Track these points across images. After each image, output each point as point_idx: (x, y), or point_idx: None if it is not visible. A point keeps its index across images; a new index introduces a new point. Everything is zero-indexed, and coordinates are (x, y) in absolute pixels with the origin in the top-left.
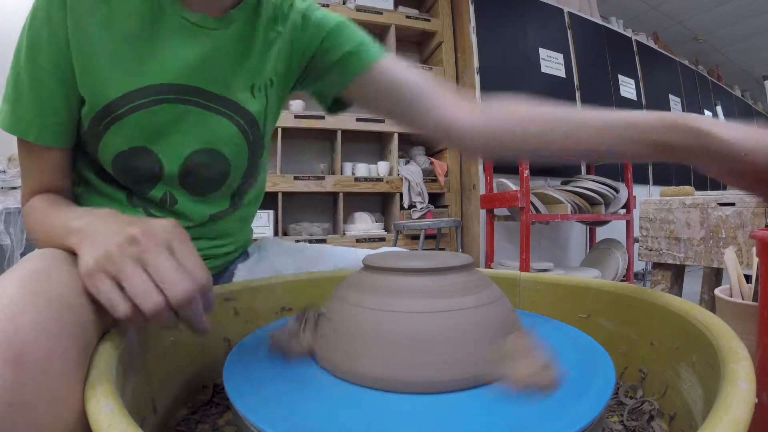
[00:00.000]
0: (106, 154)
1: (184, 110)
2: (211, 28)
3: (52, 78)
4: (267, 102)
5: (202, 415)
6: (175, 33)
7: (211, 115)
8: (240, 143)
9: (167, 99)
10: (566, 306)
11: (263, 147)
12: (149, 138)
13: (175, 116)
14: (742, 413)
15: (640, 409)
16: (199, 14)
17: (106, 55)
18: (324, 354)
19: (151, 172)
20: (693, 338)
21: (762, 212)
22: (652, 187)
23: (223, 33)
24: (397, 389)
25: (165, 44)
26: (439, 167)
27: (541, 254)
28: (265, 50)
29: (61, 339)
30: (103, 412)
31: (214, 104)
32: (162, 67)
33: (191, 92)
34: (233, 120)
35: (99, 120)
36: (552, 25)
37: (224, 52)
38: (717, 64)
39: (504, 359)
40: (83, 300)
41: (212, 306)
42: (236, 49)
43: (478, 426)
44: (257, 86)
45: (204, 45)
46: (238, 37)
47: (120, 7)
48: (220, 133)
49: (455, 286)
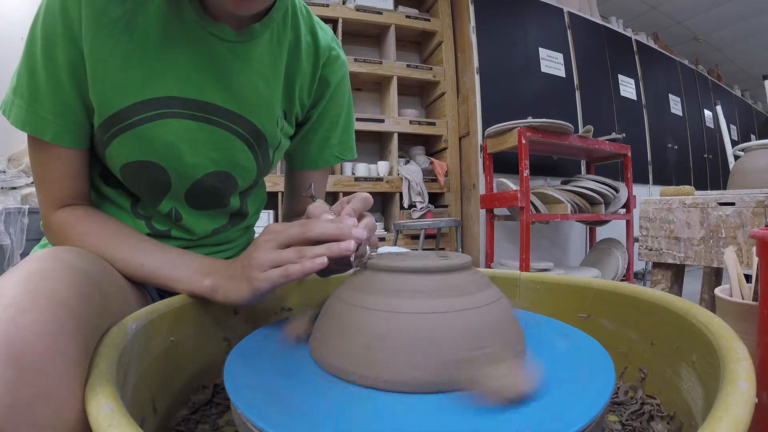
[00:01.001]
0: (114, 163)
1: (197, 127)
2: (234, 41)
3: (69, 76)
4: (283, 127)
5: (202, 415)
6: (193, 43)
7: (227, 134)
8: (251, 166)
9: (177, 113)
10: (566, 306)
11: (270, 167)
12: (158, 153)
13: (186, 133)
14: (742, 413)
15: (640, 409)
16: (220, 25)
17: (118, 60)
18: (324, 354)
19: (159, 187)
20: (693, 338)
21: (762, 212)
22: (652, 186)
23: (245, 47)
24: (397, 389)
25: (180, 53)
26: (439, 167)
27: (541, 254)
28: (287, 71)
29: (61, 339)
30: (103, 412)
31: (230, 123)
32: (176, 78)
33: (206, 108)
34: (247, 142)
35: (106, 128)
36: (552, 24)
37: (246, 68)
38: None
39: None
40: (84, 300)
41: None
42: (259, 66)
43: (478, 426)
44: (277, 108)
45: (224, 59)
46: (262, 53)
47: (137, 9)
48: (236, 157)
49: (455, 286)
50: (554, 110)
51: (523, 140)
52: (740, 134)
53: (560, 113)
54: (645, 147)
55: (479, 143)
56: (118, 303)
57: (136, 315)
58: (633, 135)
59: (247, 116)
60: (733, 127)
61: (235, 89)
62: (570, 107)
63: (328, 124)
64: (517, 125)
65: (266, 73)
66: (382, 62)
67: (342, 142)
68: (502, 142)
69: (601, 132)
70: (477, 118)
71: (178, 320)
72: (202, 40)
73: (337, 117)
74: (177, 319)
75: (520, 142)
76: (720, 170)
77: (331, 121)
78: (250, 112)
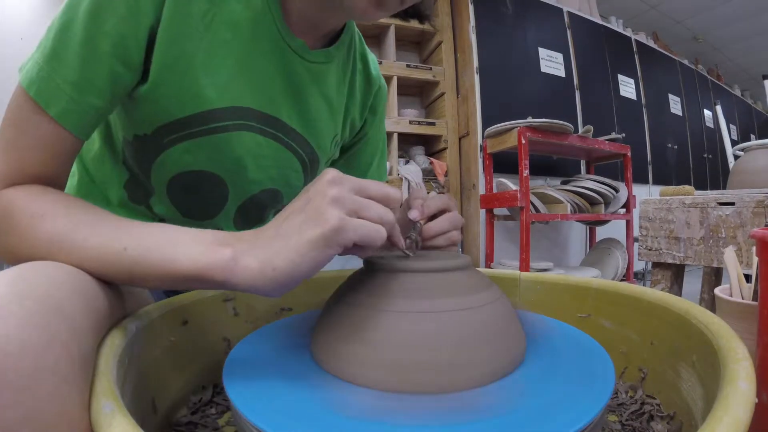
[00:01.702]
0: (166, 170)
1: (265, 143)
2: (311, 61)
3: (112, 51)
4: (333, 153)
5: (202, 415)
6: (273, 54)
7: (288, 154)
8: (299, 186)
9: (250, 126)
10: (566, 306)
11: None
12: (224, 165)
13: (255, 148)
14: (742, 413)
15: (640, 409)
16: (300, 41)
17: (201, 59)
18: (324, 354)
19: (216, 200)
20: (693, 338)
21: (762, 212)
22: (651, 186)
23: (320, 68)
24: (396, 389)
25: (260, 62)
26: (438, 167)
27: (540, 254)
28: (347, 99)
29: (51, 351)
30: (103, 412)
31: (293, 142)
32: (252, 89)
33: (275, 125)
34: (303, 163)
35: (169, 131)
36: (551, 24)
37: (317, 90)
38: (717, 64)
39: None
40: (84, 306)
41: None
42: (328, 91)
43: (479, 426)
44: (334, 135)
45: (300, 77)
46: (331, 77)
47: (224, 7)
48: (290, 176)
49: (455, 287)
50: (554, 110)
51: (522, 140)
52: (740, 134)
53: (560, 113)
54: (645, 147)
55: (479, 143)
56: (122, 309)
57: (136, 315)
58: (633, 135)
59: (308, 139)
60: (732, 127)
61: (305, 110)
62: (570, 107)
63: (371, 150)
64: (516, 125)
65: (332, 98)
66: (382, 62)
67: (380, 166)
68: (501, 142)
69: (600, 132)
70: (477, 118)
71: (178, 320)
72: (281, 54)
73: (377, 143)
74: (177, 319)
75: (519, 142)
76: (720, 170)
77: (374, 147)
78: (312, 136)
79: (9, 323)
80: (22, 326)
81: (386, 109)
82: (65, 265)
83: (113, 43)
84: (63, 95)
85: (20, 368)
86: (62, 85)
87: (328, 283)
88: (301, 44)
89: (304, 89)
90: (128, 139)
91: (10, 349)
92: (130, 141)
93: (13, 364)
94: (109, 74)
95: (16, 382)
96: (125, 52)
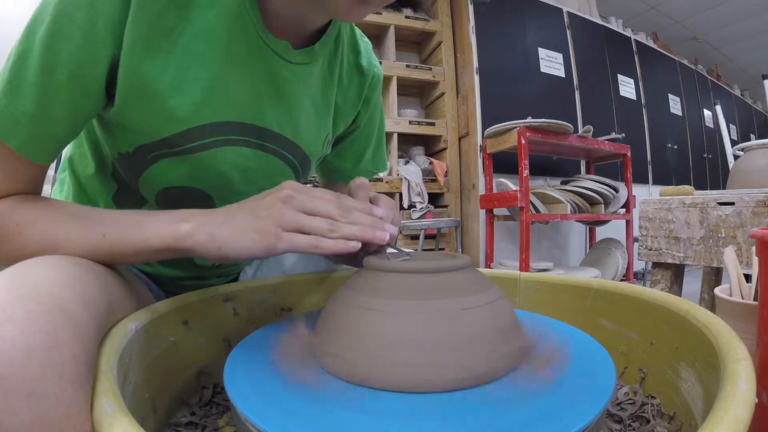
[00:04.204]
0: (151, 185)
1: (251, 155)
2: (295, 62)
3: (69, 80)
4: (325, 151)
5: (202, 416)
6: (252, 60)
7: (277, 161)
8: None
9: (234, 141)
10: (566, 306)
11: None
12: (208, 181)
13: (240, 161)
14: (742, 413)
15: (640, 409)
16: (282, 42)
17: (172, 76)
18: (325, 354)
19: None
20: (693, 338)
21: (762, 212)
22: (651, 186)
23: (305, 69)
24: (397, 389)
25: (239, 71)
26: (438, 167)
27: (540, 254)
28: (337, 94)
29: (57, 354)
30: (104, 412)
31: (281, 149)
32: (234, 100)
33: (262, 135)
34: (293, 167)
35: (149, 150)
36: (551, 24)
37: (302, 92)
38: (716, 64)
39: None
40: (87, 306)
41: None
42: (313, 91)
43: (478, 426)
44: (324, 133)
45: (285, 81)
46: (317, 77)
47: (195, 17)
48: (280, 183)
49: (455, 287)
50: (554, 110)
51: (522, 140)
52: (740, 134)
53: (560, 113)
54: (644, 147)
55: (479, 143)
56: (124, 309)
57: (136, 315)
58: (632, 135)
59: (298, 143)
60: (732, 127)
61: (293, 115)
62: (569, 107)
63: (364, 139)
64: (516, 125)
65: (317, 98)
66: (382, 62)
67: (375, 156)
68: (501, 142)
69: (600, 132)
70: (476, 118)
71: (178, 320)
72: (262, 58)
73: (371, 132)
74: (177, 319)
75: (519, 142)
76: (720, 170)
77: (367, 137)
78: (302, 139)
79: (14, 328)
80: (26, 330)
81: (385, 100)
82: (63, 258)
83: (70, 72)
84: (22, 128)
85: (26, 373)
86: (20, 117)
87: (328, 284)
88: (284, 46)
89: (290, 92)
90: (114, 155)
91: (16, 354)
92: (116, 158)
93: (20, 369)
94: (69, 103)
95: (22, 387)
96: (84, 81)
